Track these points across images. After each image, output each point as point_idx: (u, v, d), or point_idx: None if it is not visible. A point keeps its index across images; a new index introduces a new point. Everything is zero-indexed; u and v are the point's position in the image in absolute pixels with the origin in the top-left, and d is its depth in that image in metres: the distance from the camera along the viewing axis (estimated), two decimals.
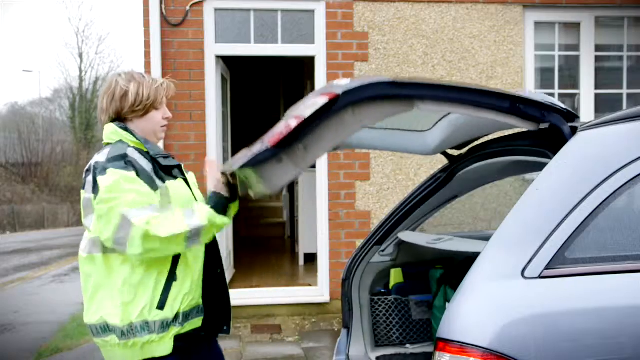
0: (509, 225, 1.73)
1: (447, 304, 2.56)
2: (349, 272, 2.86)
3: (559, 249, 1.65)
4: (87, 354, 5.01)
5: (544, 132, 2.08)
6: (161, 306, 1.96)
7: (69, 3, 60.86)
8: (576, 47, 5.92)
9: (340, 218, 5.62)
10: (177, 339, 2.01)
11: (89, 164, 2.04)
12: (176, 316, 1.99)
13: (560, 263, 1.65)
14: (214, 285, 2.20)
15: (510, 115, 1.88)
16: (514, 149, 2.24)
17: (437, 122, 2.55)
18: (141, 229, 1.84)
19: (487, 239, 1.75)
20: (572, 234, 1.66)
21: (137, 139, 2.09)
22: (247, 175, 1.88)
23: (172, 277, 1.99)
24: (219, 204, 1.99)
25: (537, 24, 5.85)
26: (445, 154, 2.80)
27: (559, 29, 5.94)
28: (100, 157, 2.00)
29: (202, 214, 1.95)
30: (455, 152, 2.81)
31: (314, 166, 6.20)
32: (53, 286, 9.32)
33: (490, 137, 2.65)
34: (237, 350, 4.75)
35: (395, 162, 5.68)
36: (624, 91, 6.00)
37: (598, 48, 5.91)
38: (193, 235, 1.92)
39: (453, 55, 5.70)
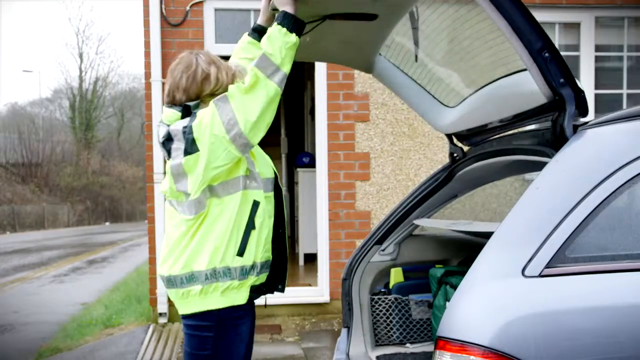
0: (510, 224, 1.73)
1: (447, 303, 2.57)
2: (349, 271, 2.87)
3: (560, 247, 1.65)
4: (87, 354, 5.01)
5: (545, 131, 2.08)
6: (241, 253, 2.06)
7: (69, 3, 60.96)
8: (576, 47, 5.92)
9: (340, 218, 5.63)
10: (252, 290, 2.12)
11: (163, 134, 2.09)
12: (253, 265, 2.09)
13: (561, 262, 1.65)
14: (277, 245, 2.25)
15: (534, 60, 1.81)
16: (514, 149, 2.25)
17: (461, 102, 2.57)
18: (233, 96, 1.99)
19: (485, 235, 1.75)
20: (572, 233, 1.66)
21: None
22: None
23: (251, 225, 2.08)
24: (287, 19, 2.02)
25: None
26: (450, 140, 2.80)
27: (559, 29, 5.94)
28: (178, 124, 2.07)
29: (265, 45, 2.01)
30: (462, 145, 2.82)
31: (313, 166, 6.20)
32: (53, 286, 9.32)
33: (493, 137, 2.66)
34: None
35: (395, 162, 5.69)
36: (624, 91, 6.00)
37: (598, 48, 5.91)
38: (263, 63, 1.99)
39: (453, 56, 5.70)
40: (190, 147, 2.02)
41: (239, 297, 2.09)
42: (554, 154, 1.82)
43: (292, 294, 5.60)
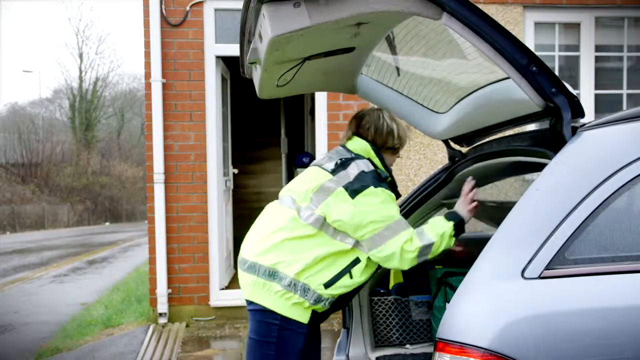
0: (509, 226, 1.73)
1: (447, 304, 2.57)
2: None
3: (559, 249, 1.65)
4: (87, 354, 5.01)
5: (544, 132, 2.08)
6: (327, 285, 2.22)
7: (69, 3, 60.93)
8: (576, 48, 5.92)
9: None
10: (314, 313, 2.28)
11: (340, 158, 2.35)
12: (328, 299, 2.25)
13: (560, 263, 1.65)
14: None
15: (523, 76, 1.83)
16: (514, 149, 2.24)
17: (453, 106, 2.57)
18: (398, 246, 2.19)
19: (487, 239, 1.75)
20: (572, 235, 1.66)
21: (381, 164, 2.42)
22: None
23: (347, 271, 2.26)
24: (460, 226, 2.30)
25: (537, 24, 5.85)
26: (447, 144, 2.81)
27: (559, 30, 5.94)
28: (362, 165, 2.31)
29: (435, 229, 2.26)
30: (460, 148, 2.82)
31: None
32: (53, 286, 9.32)
33: (490, 137, 2.65)
34: (237, 350, 4.75)
35: (395, 162, 5.68)
36: (624, 91, 6.00)
37: (598, 48, 5.91)
38: (426, 251, 2.23)
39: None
40: (351, 192, 2.23)
41: (303, 316, 2.25)
42: (554, 155, 1.82)
43: None
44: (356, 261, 2.26)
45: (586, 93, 5.85)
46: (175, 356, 4.61)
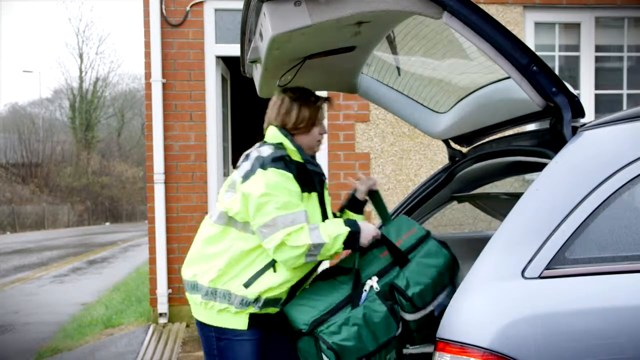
0: (509, 226, 1.73)
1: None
2: None
3: (559, 249, 1.65)
4: (87, 354, 5.01)
5: (544, 132, 2.08)
6: (247, 285, 2.11)
7: (69, 3, 60.91)
8: (576, 48, 5.92)
9: None
10: (253, 317, 2.15)
11: (249, 152, 2.27)
12: (257, 299, 2.12)
13: (561, 263, 1.65)
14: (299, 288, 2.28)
15: (523, 75, 1.83)
16: (514, 149, 2.24)
17: (453, 106, 2.57)
18: (283, 239, 2.03)
19: (487, 239, 1.75)
20: (572, 234, 1.66)
21: (294, 146, 2.25)
22: None
23: (270, 266, 2.14)
24: (353, 237, 2.12)
25: (537, 25, 5.85)
26: (448, 144, 2.80)
27: (559, 30, 5.94)
28: (263, 150, 2.21)
29: (330, 230, 2.10)
30: (460, 148, 2.82)
31: None
32: (53, 286, 9.32)
33: (491, 137, 2.66)
34: None
35: (396, 162, 5.68)
36: (624, 92, 6.00)
37: (598, 48, 5.91)
38: (315, 251, 2.07)
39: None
40: (243, 179, 2.16)
41: (235, 322, 2.15)
42: (554, 155, 1.82)
43: None
44: None
45: (586, 93, 5.85)
46: (175, 356, 4.61)
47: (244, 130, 8.34)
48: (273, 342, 2.29)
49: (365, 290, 2.07)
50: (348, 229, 2.10)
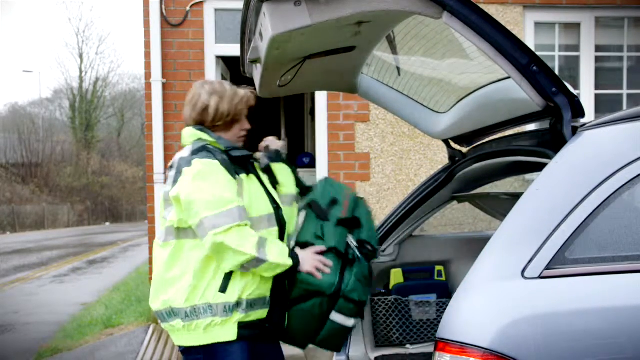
0: (509, 226, 1.73)
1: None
2: None
3: (559, 249, 1.65)
4: (87, 354, 5.00)
5: (544, 132, 2.08)
6: (223, 289, 2.03)
7: (69, 3, 60.99)
8: (576, 48, 5.91)
9: None
10: (242, 326, 2.06)
11: (171, 161, 2.19)
12: (238, 302, 2.05)
13: (561, 263, 1.65)
14: (284, 283, 2.23)
15: (523, 75, 1.82)
16: (514, 149, 2.24)
17: (453, 106, 2.57)
18: (212, 241, 1.98)
19: (487, 239, 1.75)
20: (572, 234, 1.66)
21: (212, 137, 2.19)
22: None
23: None
24: (292, 271, 2.11)
25: (537, 25, 5.85)
26: (448, 144, 2.80)
27: (559, 30, 5.94)
28: (183, 153, 2.16)
29: (275, 253, 2.05)
30: (460, 148, 2.82)
31: (314, 166, 6.20)
32: (53, 286, 9.32)
33: (491, 137, 2.66)
34: None
35: (396, 162, 5.68)
36: (624, 92, 6.00)
37: (598, 48, 5.90)
38: (253, 264, 2.02)
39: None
40: (174, 183, 2.11)
41: (224, 334, 2.05)
42: (554, 155, 1.82)
43: None
44: None
45: (586, 93, 5.85)
46: (175, 356, 4.60)
47: None
48: (263, 354, 2.21)
49: (351, 249, 2.23)
50: (290, 263, 2.08)
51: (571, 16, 5.84)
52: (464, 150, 2.80)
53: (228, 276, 2.05)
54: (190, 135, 2.20)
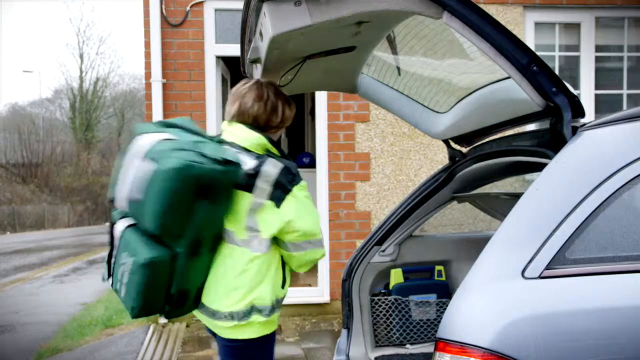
0: (509, 226, 1.73)
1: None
2: (349, 272, 2.86)
3: (559, 249, 1.65)
4: (87, 354, 5.01)
5: (544, 132, 2.08)
6: (283, 285, 2.20)
7: (70, 3, 60.90)
8: (576, 48, 5.92)
9: (341, 218, 5.63)
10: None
11: (253, 167, 2.08)
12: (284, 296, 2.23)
13: (561, 263, 1.65)
14: None
15: (523, 75, 1.82)
16: (514, 149, 2.24)
17: (453, 106, 2.57)
18: (321, 254, 2.19)
19: (487, 239, 1.75)
20: (572, 234, 1.66)
21: (277, 150, 2.19)
22: None
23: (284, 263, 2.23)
24: None
25: (537, 25, 5.85)
26: (448, 144, 2.81)
27: (559, 30, 5.94)
28: (270, 166, 2.09)
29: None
30: (460, 148, 2.82)
31: (314, 166, 6.20)
32: (53, 286, 9.32)
33: (491, 137, 2.66)
34: None
35: (396, 162, 5.68)
36: (624, 92, 6.00)
37: (598, 48, 5.91)
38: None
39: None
40: (277, 202, 2.09)
41: (276, 325, 2.24)
42: (554, 155, 1.82)
43: (292, 295, 5.59)
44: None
45: (586, 93, 5.85)
46: (175, 356, 4.61)
47: None
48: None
49: None
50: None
51: (571, 16, 5.84)
52: (464, 150, 2.80)
53: (284, 273, 2.21)
54: (260, 145, 2.16)
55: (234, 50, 5.52)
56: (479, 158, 2.56)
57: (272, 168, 2.09)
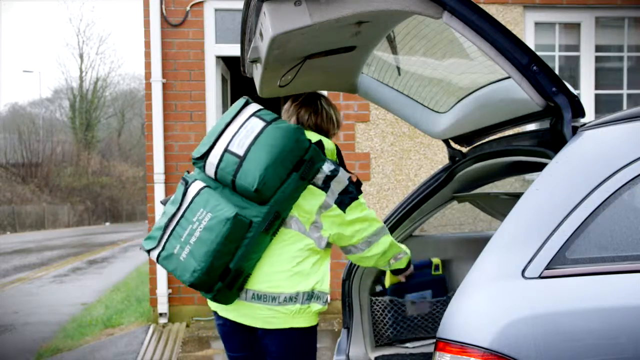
0: (509, 226, 1.73)
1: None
2: (349, 272, 2.86)
3: (559, 249, 1.65)
4: (87, 354, 5.01)
5: (544, 132, 2.08)
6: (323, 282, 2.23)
7: (70, 3, 60.96)
8: (576, 48, 5.92)
9: None
10: None
11: (325, 169, 2.16)
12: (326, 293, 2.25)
13: (561, 263, 1.64)
14: None
15: (523, 75, 1.82)
16: (514, 149, 2.24)
17: (453, 105, 2.57)
18: (388, 240, 2.30)
19: (487, 239, 1.75)
20: (572, 234, 1.66)
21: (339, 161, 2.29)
22: None
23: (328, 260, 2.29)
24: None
25: (537, 25, 5.85)
26: (448, 144, 2.81)
27: (559, 30, 5.94)
28: (344, 174, 2.20)
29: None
30: (460, 148, 2.82)
31: None
32: (53, 286, 9.32)
33: (491, 137, 2.66)
34: None
35: (396, 162, 5.69)
36: (624, 91, 6.00)
37: (598, 48, 5.91)
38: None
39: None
40: (343, 207, 2.18)
41: (315, 318, 2.27)
42: (554, 155, 1.82)
43: None
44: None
45: (586, 93, 5.85)
46: (175, 356, 4.61)
47: None
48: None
49: None
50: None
51: (571, 16, 5.84)
52: (464, 150, 2.80)
53: (327, 271, 2.27)
54: (332, 152, 2.27)
55: (234, 50, 5.52)
56: (479, 158, 2.56)
57: (344, 175, 2.20)
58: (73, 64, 57.38)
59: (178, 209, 2.13)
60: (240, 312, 2.18)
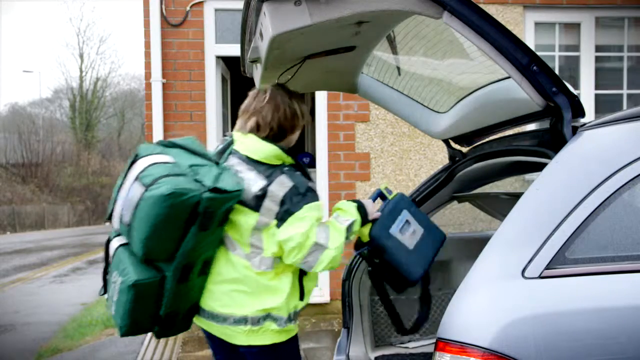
0: (509, 226, 1.73)
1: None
2: (349, 272, 2.86)
3: (559, 249, 1.65)
4: (87, 354, 5.01)
5: (544, 132, 2.08)
6: (301, 298, 2.17)
7: (70, 3, 60.97)
8: (576, 48, 5.92)
9: None
10: None
11: (260, 188, 2.04)
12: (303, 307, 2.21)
13: (561, 263, 1.65)
14: None
15: (523, 75, 1.82)
16: (514, 149, 2.24)
17: (453, 105, 2.57)
18: (330, 253, 2.04)
19: (487, 239, 1.75)
20: (572, 234, 1.66)
21: (291, 159, 2.16)
22: None
23: (303, 274, 2.17)
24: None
25: (537, 25, 5.85)
26: (448, 144, 2.81)
27: (559, 30, 5.94)
28: (280, 186, 2.04)
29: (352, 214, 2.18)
30: (460, 148, 2.82)
31: (314, 166, 6.20)
32: (53, 286, 9.32)
33: (491, 137, 2.66)
34: None
35: (396, 162, 5.68)
36: (624, 92, 6.00)
37: (598, 48, 5.91)
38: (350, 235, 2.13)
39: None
40: (280, 222, 2.04)
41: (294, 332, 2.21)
42: (554, 155, 1.82)
43: None
44: None
45: (586, 93, 5.85)
46: (175, 356, 4.61)
47: None
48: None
49: None
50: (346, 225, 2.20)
51: (571, 16, 5.84)
52: (464, 150, 2.80)
53: (301, 285, 2.18)
54: (276, 157, 2.11)
55: (234, 50, 5.51)
56: (479, 158, 2.56)
57: (279, 187, 2.04)
58: (73, 64, 57.36)
59: (107, 263, 2.19)
60: (209, 325, 2.18)
